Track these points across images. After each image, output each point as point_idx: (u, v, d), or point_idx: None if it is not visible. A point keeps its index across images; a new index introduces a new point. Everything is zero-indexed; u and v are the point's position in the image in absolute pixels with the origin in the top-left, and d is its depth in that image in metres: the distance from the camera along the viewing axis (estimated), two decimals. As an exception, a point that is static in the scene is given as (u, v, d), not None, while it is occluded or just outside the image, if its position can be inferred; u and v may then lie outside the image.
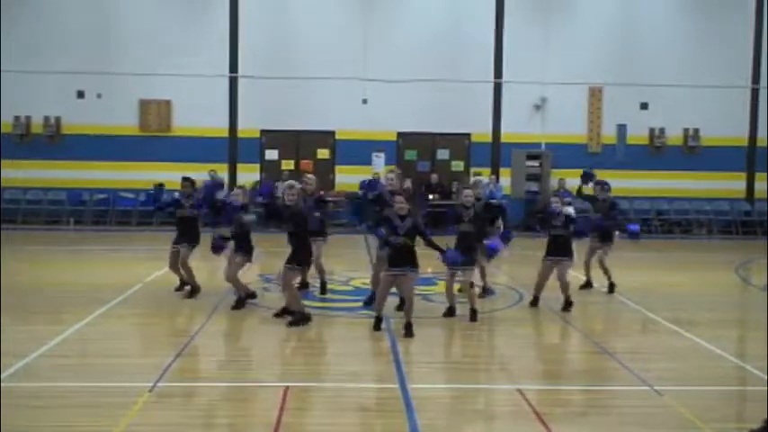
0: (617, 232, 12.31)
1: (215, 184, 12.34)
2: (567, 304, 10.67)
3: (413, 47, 20.87)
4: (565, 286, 10.67)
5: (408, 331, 9.16)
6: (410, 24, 21.11)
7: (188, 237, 11.27)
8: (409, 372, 7.75)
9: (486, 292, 11.44)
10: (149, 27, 20.75)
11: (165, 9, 20.94)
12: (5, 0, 20.11)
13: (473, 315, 10.01)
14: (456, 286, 10.50)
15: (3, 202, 20.36)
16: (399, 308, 10.08)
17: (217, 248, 10.66)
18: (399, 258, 9.20)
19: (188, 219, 11.35)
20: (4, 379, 7.12)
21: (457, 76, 20.83)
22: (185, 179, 11.68)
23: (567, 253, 10.76)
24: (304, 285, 11.55)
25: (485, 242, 10.40)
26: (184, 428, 6.22)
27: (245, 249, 10.58)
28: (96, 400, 6.69)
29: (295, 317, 9.64)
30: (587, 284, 12.41)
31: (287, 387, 7.09)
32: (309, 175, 11.50)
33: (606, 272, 12.16)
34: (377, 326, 9.38)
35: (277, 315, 9.99)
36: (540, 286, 10.93)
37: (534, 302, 10.95)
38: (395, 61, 20.81)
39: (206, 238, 11.26)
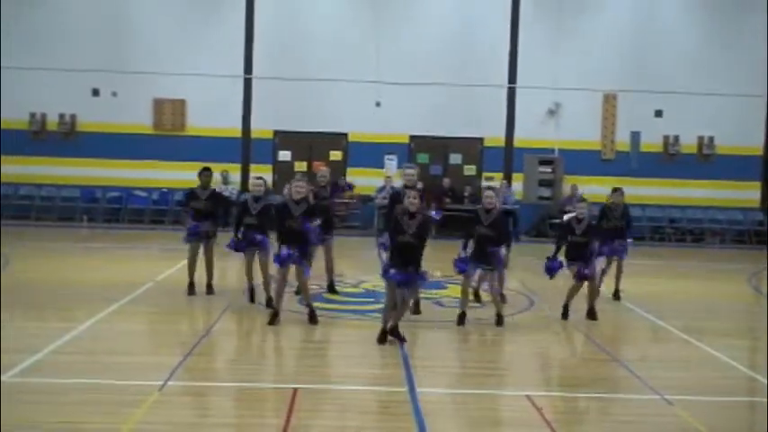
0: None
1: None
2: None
3: (426, 50, 20.86)
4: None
5: (396, 334, 8.82)
6: (423, 28, 21.09)
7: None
8: (418, 375, 7.74)
9: (501, 298, 11.35)
10: (165, 26, 20.84)
11: (181, 9, 21.02)
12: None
13: (499, 320, 10.02)
14: (470, 291, 10.48)
15: (17, 197, 20.48)
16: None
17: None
18: (405, 260, 8.65)
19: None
20: (14, 375, 7.16)
21: (470, 80, 20.81)
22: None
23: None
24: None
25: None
26: (193, 428, 6.25)
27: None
28: (105, 398, 6.71)
29: None
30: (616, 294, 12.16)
31: (296, 389, 7.10)
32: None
33: (605, 277, 12.01)
34: (382, 339, 8.85)
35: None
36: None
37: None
38: (408, 64, 20.82)
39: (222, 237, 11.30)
